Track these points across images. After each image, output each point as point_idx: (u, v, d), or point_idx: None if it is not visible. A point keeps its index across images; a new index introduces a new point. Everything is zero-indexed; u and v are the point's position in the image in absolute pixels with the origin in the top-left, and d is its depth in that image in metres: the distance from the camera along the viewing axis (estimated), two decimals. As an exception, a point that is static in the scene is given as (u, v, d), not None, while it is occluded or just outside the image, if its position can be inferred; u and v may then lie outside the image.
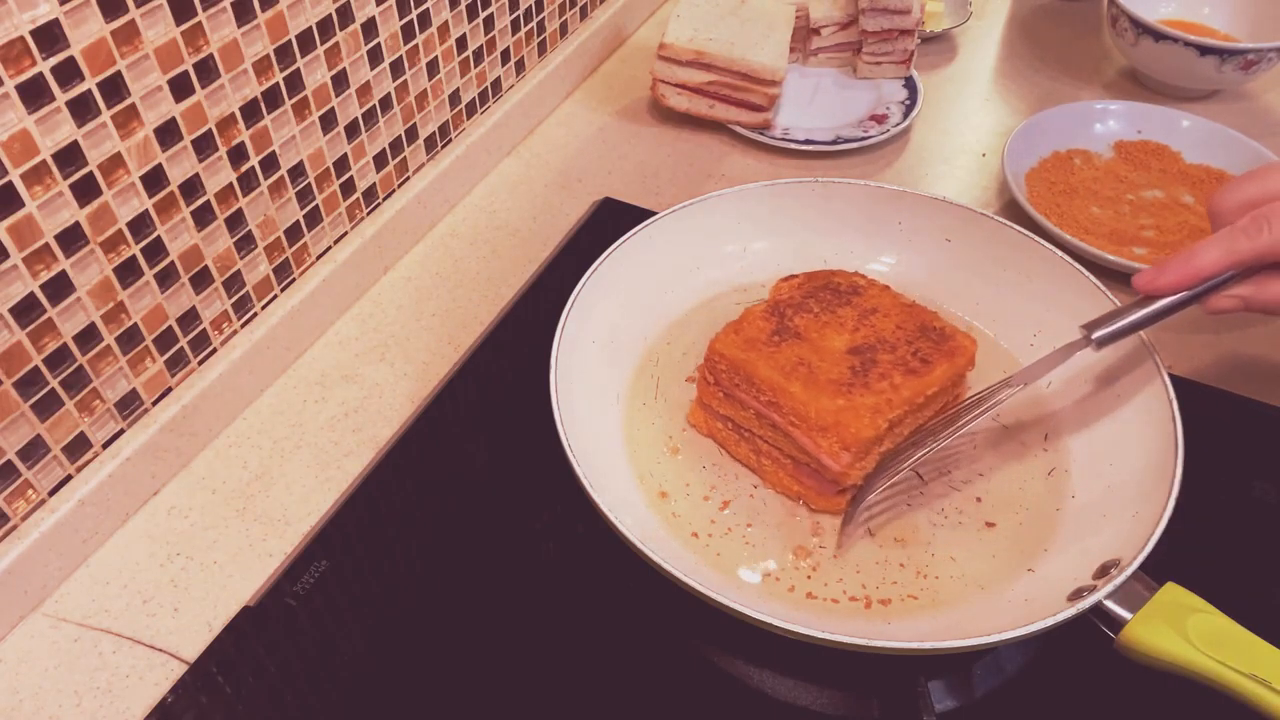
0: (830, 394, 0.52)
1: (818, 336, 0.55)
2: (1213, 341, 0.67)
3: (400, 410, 0.63)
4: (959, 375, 0.55)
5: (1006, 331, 0.63)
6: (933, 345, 0.54)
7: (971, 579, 0.51)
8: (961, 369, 0.55)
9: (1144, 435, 0.53)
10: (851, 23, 0.89)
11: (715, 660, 0.51)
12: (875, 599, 0.50)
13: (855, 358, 0.54)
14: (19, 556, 0.51)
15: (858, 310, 0.57)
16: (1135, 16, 0.85)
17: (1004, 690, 0.50)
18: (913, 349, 0.54)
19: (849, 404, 0.51)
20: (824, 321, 0.56)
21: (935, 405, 0.55)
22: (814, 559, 0.52)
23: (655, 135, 0.85)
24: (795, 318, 0.56)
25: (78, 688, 0.50)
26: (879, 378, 0.52)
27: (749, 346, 0.55)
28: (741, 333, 0.56)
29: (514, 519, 0.57)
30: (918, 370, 0.53)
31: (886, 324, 0.56)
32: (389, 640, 0.52)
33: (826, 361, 0.54)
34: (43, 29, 0.45)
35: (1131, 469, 0.52)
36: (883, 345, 0.54)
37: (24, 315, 0.49)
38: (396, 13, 0.66)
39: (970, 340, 0.56)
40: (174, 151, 0.53)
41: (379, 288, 0.72)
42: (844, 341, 0.55)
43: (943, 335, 0.55)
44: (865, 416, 0.51)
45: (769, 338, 0.55)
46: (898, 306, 0.57)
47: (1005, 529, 0.53)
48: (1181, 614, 0.45)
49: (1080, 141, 0.81)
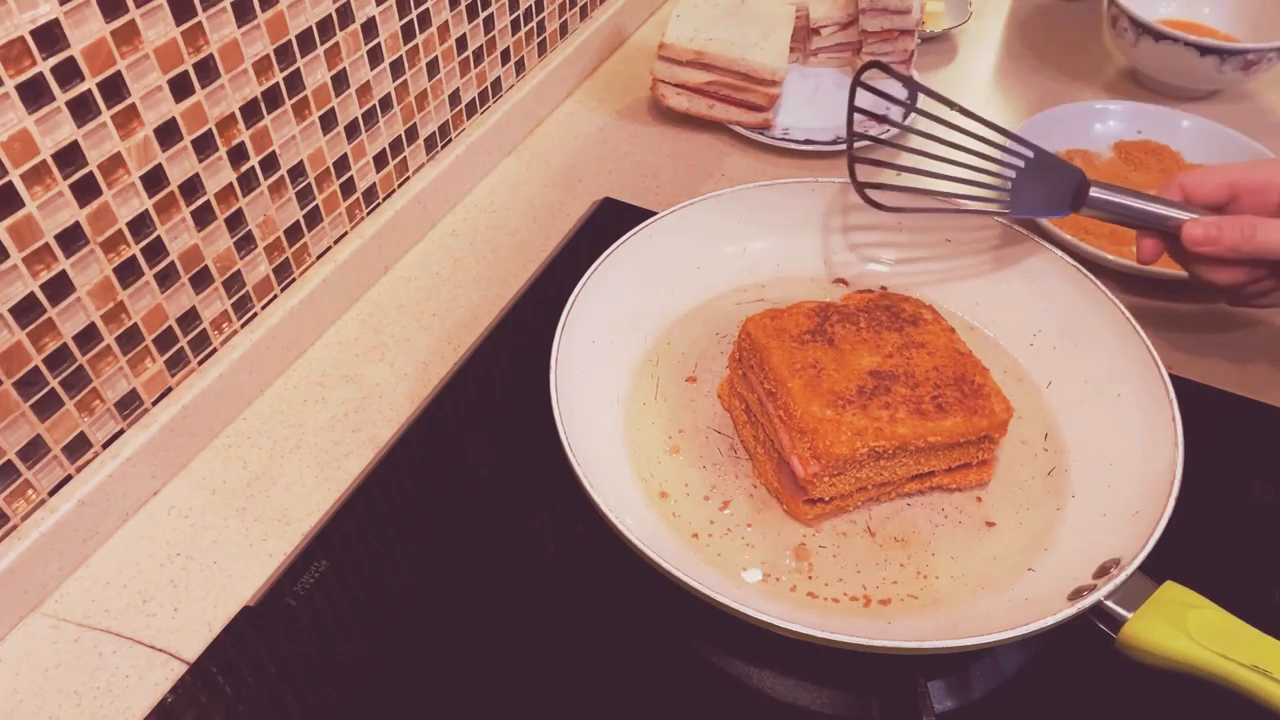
0: (824, 402, 0.51)
1: (848, 349, 0.54)
2: (1213, 341, 0.67)
3: (400, 410, 0.63)
4: (976, 435, 0.52)
5: (1006, 331, 0.63)
6: (958, 397, 0.52)
7: (972, 579, 0.51)
8: (980, 430, 0.52)
9: (1144, 435, 0.53)
10: (851, 23, 0.89)
11: (715, 660, 0.51)
12: (875, 599, 0.50)
13: (872, 380, 0.52)
14: (19, 556, 0.51)
15: (904, 339, 0.54)
16: (1135, 16, 0.85)
17: (1004, 690, 0.50)
18: (935, 393, 0.52)
19: (836, 417, 0.50)
20: (863, 339, 0.54)
21: (940, 457, 0.53)
22: (814, 559, 0.52)
23: (655, 135, 0.85)
24: (837, 326, 0.55)
25: (78, 688, 0.50)
26: (882, 406, 0.51)
27: (776, 334, 0.54)
28: (777, 320, 0.55)
29: (514, 519, 0.57)
30: (927, 414, 0.51)
31: (924, 362, 0.53)
32: (389, 640, 0.52)
33: (841, 373, 0.52)
34: (43, 29, 0.45)
35: (1132, 468, 0.52)
36: (906, 379, 0.52)
37: (24, 315, 0.49)
38: (396, 13, 0.66)
39: (1006, 408, 0.52)
40: (174, 151, 0.53)
41: (379, 288, 0.72)
42: (871, 363, 0.53)
43: (976, 392, 0.52)
44: (845, 434, 0.49)
45: (800, 334, 0.54)
46: (948, 351, 0.54)
47: (1005, 529, 0.53)
48: (1181, 611, 0.45)
49: (1080, 141, 0.81)
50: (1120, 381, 0.56)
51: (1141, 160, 0.79)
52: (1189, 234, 0.56)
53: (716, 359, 0.62)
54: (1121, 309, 0.58)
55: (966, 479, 0.54)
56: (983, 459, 0.54)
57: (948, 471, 0.54)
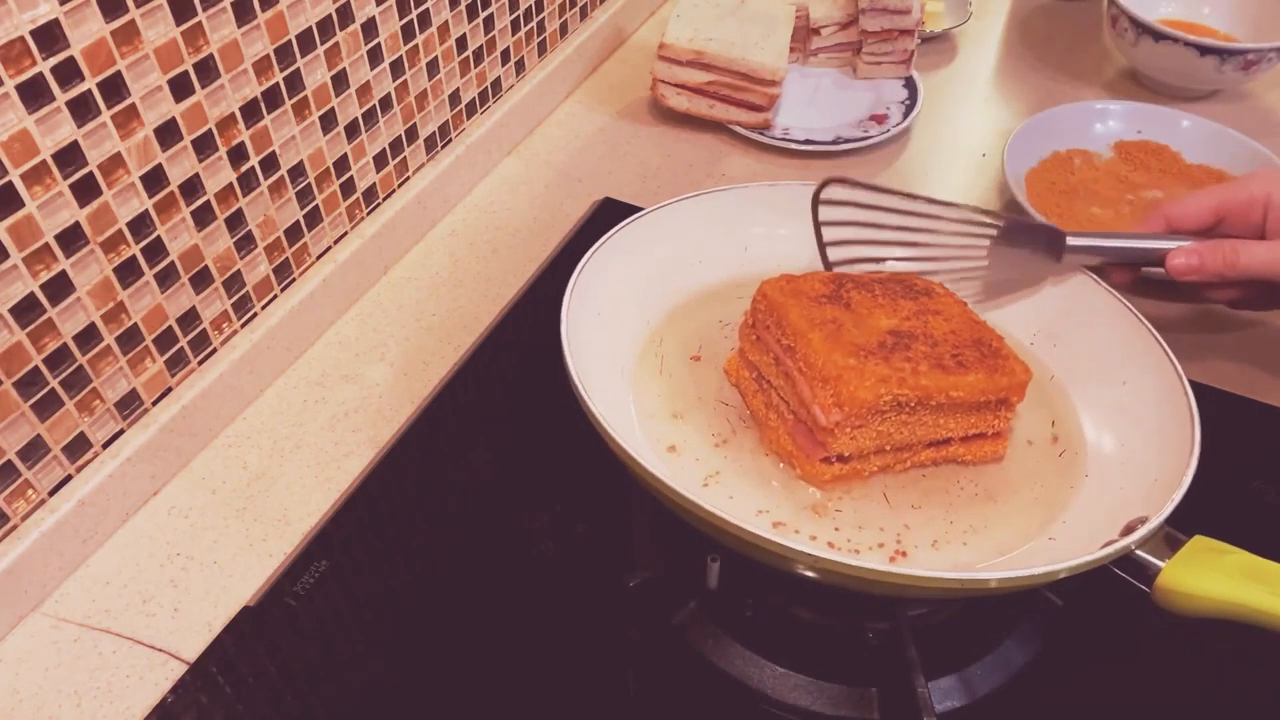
0: (846, 352, 0.50)
1: (865, 313, 0.53)
2: (1213, 341, 0.67)
3: (400, 410, 0.63)
4: (997, 394, 0.51)
5: (1004, 332, 0.62)
6: (978, 356, 0.52)
7: (992, 545, 0.50)
8: (1001, 389, 0.51)
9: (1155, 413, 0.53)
10: (851, 23, 0.89)
11: (715, 660, 0.51)
12: (898, 551, 0.50)
13: (892, 338, 0.52)
14: (19, 556, 0.51)
15: (919, 306, 0.54)
16: (1135, 16, 0.85)
17: (1004, 690, 0.50)
18: (954, 351, 0.52)
19: (859, 365, 0.49)
20: (880, 304, 0.54)
21: (959, 415, 0.52)
22: (831, 515, 0.51)
23: (655, 135, 0.85)
24: (853, 291, 0.55)
25: (78, 688, 0.50)
26: (903, 359, 0.50)
27: (793, 294, 0.54)
28: (794, 282, 0.55)
29: (514, 519, 0.57)
30: (949, 368, 0.50)
31: (941, 326, 0.53)
32: (389, 640, 0.52)
33: (860, 330, 0.52)
34: (43, 29, 0.45)
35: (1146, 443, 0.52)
36: (925, 338, 0.52)
37: (24, 315, 0.49)
38: (396, 13, 0.66)
39: (1025, 369, 0.52)
40: (174, 151, 0.53)
41: (379, 288, 0.72)
42: (889, 324, 0.53)
43: (994, 353, 0.52)
44: (869, 380, 0.49)
45: (817, 296, 0.54)
46: (964, 318, 0.55)
47: (1022, 502, 0.52)
48: (1215, 556, 0.44)
49: (1080, 141, 0.81)
50: (1126, 367, 0.56)
51: (1141, 160, 0.79)
52: (1172, 265, 0.57)
53: (720, 343, 0.61)
54: (1117, 296, 0.58)
55: (982, 450, 0.54)
56: (998, 429, 0.54)
57: (963, 441, 0.54)
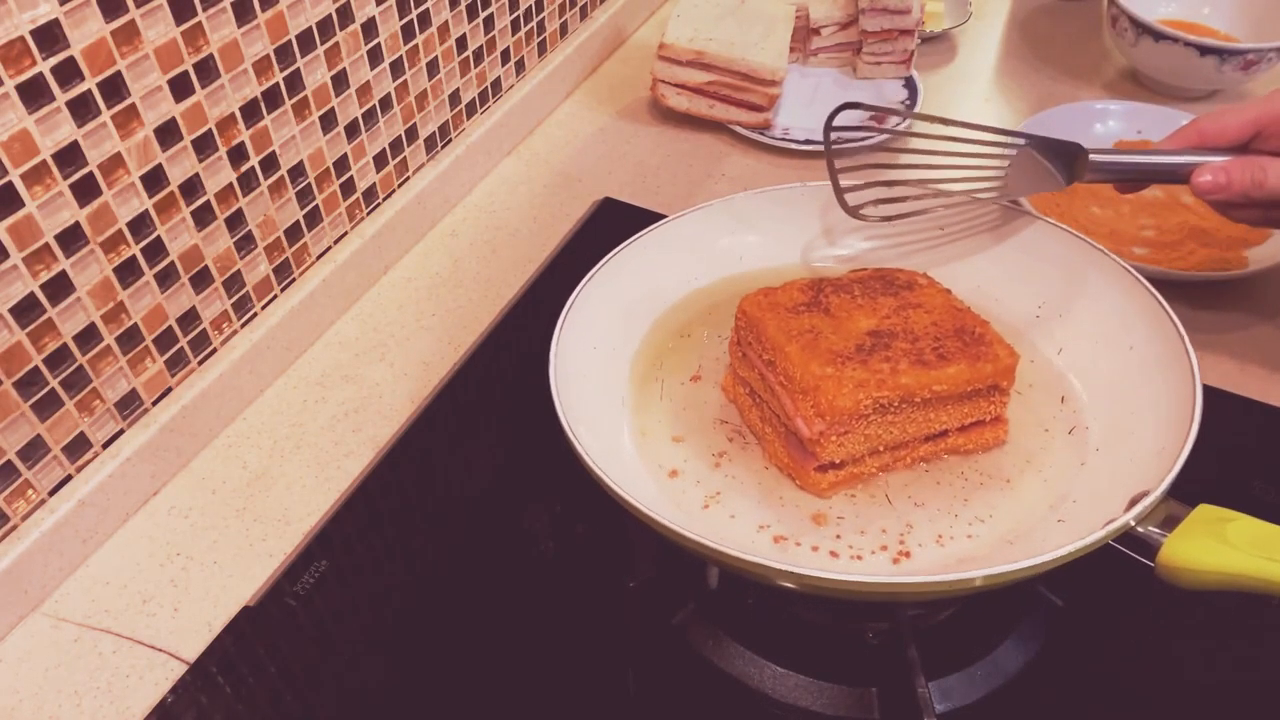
0: (823, 361, 0.50)
1: (844, 316, 0.54)
2: (1213, 341, 0.67)
3: (400, 410, 0.63)
4: (983, 383, 0.52)
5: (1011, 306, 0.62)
6: (960, 346, 0.52)
7: (998, 535, 0.50)
8: (986, 376, 0.51)
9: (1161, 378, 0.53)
10: (851, 23, 0.89)
11: (715, 660, 0.51)
12: (900, 552, 0.49)
13: (870, 339, 0.52)
14: (19, 556, 0.51)
15: (900, 302, 0.55)
16: (1135, 16, 0.85)
17: (1004, 690, 0.50)
18: (935, 344, 0.52)
19: (836, 373, 0.50)
20: (858, 305, 0.54)
21: (949, 407, 0.53)
22: (832, 524, 0.51)
23: (655, 135, 0.85)
24: (831, 296, 0.55)
25: (78, 688, 0.50)
26: (882, 360, 0.51)
27: (770, 308, 0.54)
28: (771, 296, 0.55)
29: (514, 519, 0.57)
30: (929, 363, 0.51)
31: (922, 319, 0.54)
32: (389, 640, 0.52)
33: (838, 335, 0.52)
34: (43, 29, 0.45)
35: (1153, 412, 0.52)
36: (905, 335, 0.52)
37: (24, 315, 0.49)
38: (396, 13, 0.66)
39: (1010, 354, 0.52)
40: (174, 151, 0.53)
41: (379, 288, 0.72)
42: (868, 324, 0.53)
43: (977, 340, 0.52)
44: (847, 387, 0.49)
45: (795, 307, 0.54)
46: (946, 308, 0.55)
47: (1029, 488, 0.52)
48: (1218, 525, 0.44)
49: (1080, 141, 0.81)
50: (1131, 333, 0.55)
51: (1141, 160, 0.79)
52: (1197, 183, 0.55)
53: (719, 360, 0.62)
54: (1121, 263, 0.57)
55: (981, 438, 0.54)
56: (995, 415, 0.54)
57: (961, 431, 0.54)
